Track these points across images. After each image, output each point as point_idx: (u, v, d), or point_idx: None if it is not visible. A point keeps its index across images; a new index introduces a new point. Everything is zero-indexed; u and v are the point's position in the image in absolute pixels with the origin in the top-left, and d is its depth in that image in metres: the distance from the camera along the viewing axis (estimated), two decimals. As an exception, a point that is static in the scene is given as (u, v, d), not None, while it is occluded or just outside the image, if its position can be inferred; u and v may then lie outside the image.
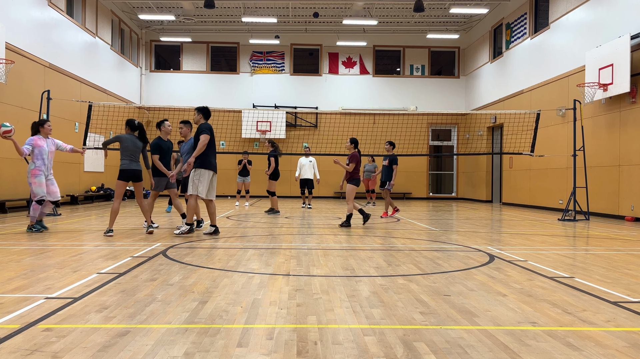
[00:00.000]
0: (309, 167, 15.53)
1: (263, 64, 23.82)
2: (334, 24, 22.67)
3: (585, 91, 13.31)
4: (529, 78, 17.78)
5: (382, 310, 3.74)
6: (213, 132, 8.46)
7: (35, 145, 8.48)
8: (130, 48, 22.38)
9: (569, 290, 4.49)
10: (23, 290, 4.23)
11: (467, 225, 10.80)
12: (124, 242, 7.35)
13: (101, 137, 17.19)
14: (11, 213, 12.39)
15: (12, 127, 8.34)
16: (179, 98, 22.32)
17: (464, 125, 23.72)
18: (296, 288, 4.42)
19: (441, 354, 2.84)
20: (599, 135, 13.65)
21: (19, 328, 3.20)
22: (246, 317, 3.52)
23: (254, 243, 7.45)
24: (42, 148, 8.51)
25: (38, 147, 8.48)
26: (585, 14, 14.61)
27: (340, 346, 2.96)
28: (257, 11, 21.16)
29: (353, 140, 10.28)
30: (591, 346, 3.01)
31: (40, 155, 8.47)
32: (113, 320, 3.39)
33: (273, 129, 22.56)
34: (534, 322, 3.49)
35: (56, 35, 15.66)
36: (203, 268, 5.32)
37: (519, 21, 18.75)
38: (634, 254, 6.81)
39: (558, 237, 8.81)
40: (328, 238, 8.18)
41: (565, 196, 14.63)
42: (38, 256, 5.95)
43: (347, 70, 24.00)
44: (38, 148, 8.48)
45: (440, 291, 4.39)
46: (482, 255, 6.51)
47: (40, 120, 8.85)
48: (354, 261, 5.94)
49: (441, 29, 23.00)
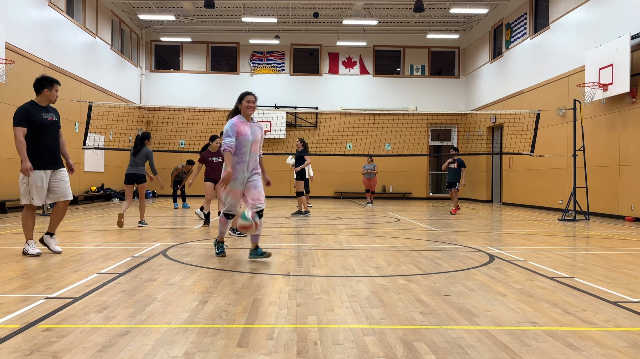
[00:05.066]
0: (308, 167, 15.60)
1: (263, 64, 23.83)
2: (334, 24, 22.67)
3: (585, 91, 13.31)
4: (529, 78, 17.78)
5: (382, 310, 3.74)
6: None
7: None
8: (130, 48, 22.38)
9: (569, 290, 4.49)
10: (23, 290, 4.23)
11: (467, 225, 10.80)
12: (124, 242, 7.35)
13: (101, 137, 17.21)
14: (11, 213, 12.39)
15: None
16: (179, 98, 22.31)
17: (464, 125, 23.72)
18: (296, 288, 4.42)
19: (441, 354, 2.84)
20: (599, 135, 13.65)
21: (19, 328, 3.20)
22: (246, 317, 3.52)
23: (254, 243, 7.44)
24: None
25: None
26: (585, 14, 14.61)
27: (340, 346, 2.96)
28: (257, 11, 21.15)
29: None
30: (591, 346, 3.01)
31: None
32: (113, 320, 3.39)
33: (273, 129, 22.56)
34: (534, 322, 3.49)
35: (56, 35, 15.66)
36: (203, 268, 5.32)
37: (519, 21, 18.74)
38: (634, 254, 6.81)
39: (558, 237, 8.81)
40: (328, 238, 8.18)
41: (565, 197, 14.63)
42: (38, 257, 5.95)
43: (347, 70, 24.01)
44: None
45: (441, 291, 4.39)
46: (482, 255, 6.51)
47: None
48: (354, 261, 5.94)
49: (441, 29, 23.00)
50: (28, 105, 6.00)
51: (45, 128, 6.02)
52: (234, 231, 8.47)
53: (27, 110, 5.92)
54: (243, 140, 5.75)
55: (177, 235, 8.30)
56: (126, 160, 20.29)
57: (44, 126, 6.00)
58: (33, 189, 5.95)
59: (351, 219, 12.15)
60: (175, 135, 19.32)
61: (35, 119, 5.92)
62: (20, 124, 5.87)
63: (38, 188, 5.98)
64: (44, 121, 5.99)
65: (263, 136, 6.07)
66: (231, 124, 5.77)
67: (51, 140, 6.09)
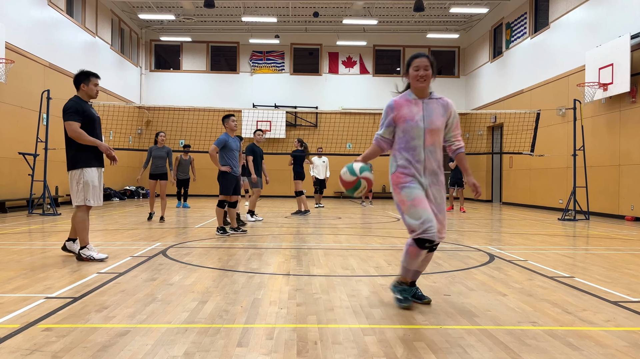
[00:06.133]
0: (322, 167, 15.90)
1: (263, 64, 23.82)
2: (334, 24, 22.66)
3: (585, 91, 13.31)
4: (529, 78, 17.78)
5: (382, 310, 3.74)
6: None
7: None
8: (130, 47, 22.37)
9: (569, 290, 4.49)
10: (23, 290, 4.23)
11: (467, 225, 10.80)
12: (124, 242, 7.35)
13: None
14: (11, 213, 12.39)
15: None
16: (178, 97, 22.31)
17: (464, 125, 23.69)
18: (296, 288, 4.42)
19: (441, 354, 2.84)
20: (599, 134, 13.65)
21: (19, 327, 3.20)
22: (246, 317, 3.52)
23: (254, 243, 7.44)
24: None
25: None
26: (585, 13, 14.61)
27: (340, 346, 2.96)
28: (257, 11, 21.15)
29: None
30: (591, 346, 3.01)
31: None
32: (113, 320, 3.39)
33: (273, 129, 22.57)
34: (534, 322, 3.49)
35: (56, 35, 15.66)
36: (203, 268, 5.32)
37: (519, 21, 18.74)
38: (634, 254, 6.81)
39: (558, 237, 8.81)
40: (328, 238, 8.18)
41: (565, 196, 14.63)
42: (38, 256, 5.95)
43: (347, 69, 24.00)
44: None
45: (441, 290, 4.39)
46: (482, 254, 6.51)
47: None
48: (354, 261, 5.94)
49: (441, 28, 23.00)
50: (76, 99, 5.66)
51: (95, 122, 5.69)
52: (234, 229, 8.47)
53: (79, 104, 5.59)
54: (409, 126, 3.76)
55: (177, 235, 8.30)
56: (126, 160, 20.39)
57: (94, 120, 5.67)
58: (89, 189, 5.56)
59: (351, 219, 12.15)
60: (175, 135, 19.31)
61: (87, 113, 5.59)
62: (72, 118, 5.49)
63: (95, 187, 5.61)
64: (93, 115, 5.67)
65: (452, 121, 3.87)
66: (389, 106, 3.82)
67: (100, 136, 5.76)
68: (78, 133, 5.51)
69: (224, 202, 8.37)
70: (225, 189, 8.24)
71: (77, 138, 5.52)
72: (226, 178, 8.21)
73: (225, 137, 8.23)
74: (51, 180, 13.88)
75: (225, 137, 8.22)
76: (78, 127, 5.52)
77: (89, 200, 5.60)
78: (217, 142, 8.13)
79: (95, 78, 5.84)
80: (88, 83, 5.76)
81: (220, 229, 8.28)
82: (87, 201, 5.60)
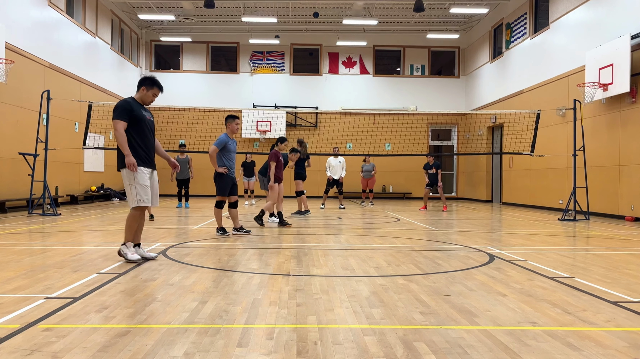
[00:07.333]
0: (338, 167, 15.95)
1: (263, 64, 23.82)
2: (334, 24, 22.66)
3: (585, 91, 13.31)
4: (529, 78, 17.78)
5: (382, 310, 3.74)
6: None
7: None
8: (130, 48, 22.38)
9: (569, 290, 4.49)
10: (23, 290, 4.23)
11: (467, 225, 10.80)
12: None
13: (101, 137, 17.20)
14: (11, 213, 12.39)
15: None
16: (179, 98, 22.28)
17: (464, 125, 23.72)
18: (296, 288, 4.42)
19: (441, 354, 2.84)
20: (599, 135, 13.65)
21: (19, 328, 3.20)
22: (246, 317, 3.52)
23: (254, 243, 7.44)
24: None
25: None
26: (585, 14, 14.61)
27: (340, 346, 2.96)
28: (257, 11, 21.15)
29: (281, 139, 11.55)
30: (591, 346, 3.01)
31: None
32: (113, 320, 3.39)
33: (273, 129, 22.56)
34: (534, 322, 3.49)
35: (56, 35, 15.66)
36: (203, 268, 5.32)
37: (519, 21, 18.74)
38: (634, 254, 6.81)
39: (558, 237, 8.81)
40: (328, 238, 8.18)
41: (565, 196, 14.63)
42: (38, 256, 5.95)
43: (347, 70, 24.00)
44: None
45: (440, 291, 4.39)
46: (482, 255, 6.51)
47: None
48: (354, 261, 5.93)
49: (441, 28, 23.00)
50: (130, 99, 5.68)
51: (145, 124, 5.64)
52: (237, 230, 8.47)
53: (129, 104, 5.58)
54: None
55: (177, 235, 8.30)
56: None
57: (144, 122, 5.62)
58: (139, 188, 5.51)
59: (351, 219, 12.15)
60: (175, 135, 19.29)
61: (136, 114, 5.55)
62: (121, 117, 5.48)
63: (144, 187, 5.55)
64: (143, 117, 5.63)
65: None
66: None
67: (150, 138, 5.74)
68: (118, 134, 5.49)
69: (221, 203, 8.37)
70: (221, 190, 8.24)
71: (116, 138, 5.53)
72: (222, 179, 8.20)
73: (225, 137, 8.20)
74: (51, 180, 13.89)
75: (225, 138, 8.20)
76: (122, 128, 5.50)
77: (142, 200, 5.56)
78: (217, 143, 8.12)
79: (158, 89, 5.84)
80: (149, 89, 5.76)
81: (220, 229, 8.29)
82: (139, 201, 5.56)
